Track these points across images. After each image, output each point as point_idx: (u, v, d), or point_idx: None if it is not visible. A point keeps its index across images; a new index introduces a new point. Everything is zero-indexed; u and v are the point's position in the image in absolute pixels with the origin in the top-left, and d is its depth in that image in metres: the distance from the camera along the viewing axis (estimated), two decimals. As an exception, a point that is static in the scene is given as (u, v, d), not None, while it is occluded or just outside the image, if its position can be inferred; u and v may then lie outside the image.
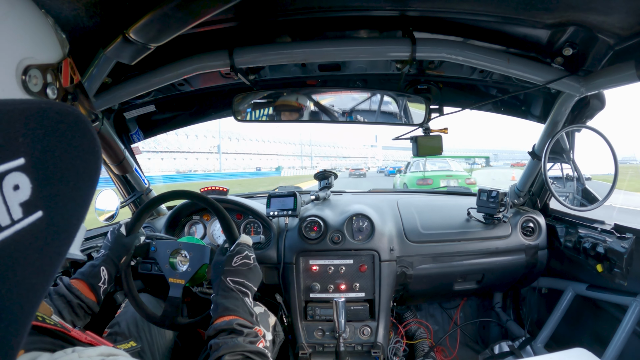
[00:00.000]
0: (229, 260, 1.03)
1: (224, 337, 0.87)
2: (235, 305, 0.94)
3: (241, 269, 1.02)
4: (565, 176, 1.54)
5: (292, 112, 1.64)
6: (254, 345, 0.86)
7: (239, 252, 1.05)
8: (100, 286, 1.05)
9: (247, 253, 1.06)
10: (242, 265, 1.02)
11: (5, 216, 0.28)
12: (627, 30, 1.02)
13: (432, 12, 1.13)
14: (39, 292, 0.31)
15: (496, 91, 1.70)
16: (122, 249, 1.13)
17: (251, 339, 0.88)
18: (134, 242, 1.15)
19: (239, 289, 0.98)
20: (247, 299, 0.99)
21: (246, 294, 0.99)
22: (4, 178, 0.28)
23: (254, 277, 1.04)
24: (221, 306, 0.95)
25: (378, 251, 1.73)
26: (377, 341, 1.69)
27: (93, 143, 0.36)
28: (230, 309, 0.93)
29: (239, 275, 1.00)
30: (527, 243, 1.80)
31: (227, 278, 0.99)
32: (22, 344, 0.30)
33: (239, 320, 0.91)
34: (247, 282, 1.01)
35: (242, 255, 1.04)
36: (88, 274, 1.06)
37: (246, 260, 1.04)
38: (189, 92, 1.66)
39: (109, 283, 1.08)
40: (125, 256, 1.12)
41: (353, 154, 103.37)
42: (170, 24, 0.89)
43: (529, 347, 1.83)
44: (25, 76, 0.40)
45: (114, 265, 1.10)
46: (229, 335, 0.88)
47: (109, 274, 1.08)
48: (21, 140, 0.29)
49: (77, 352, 0.45)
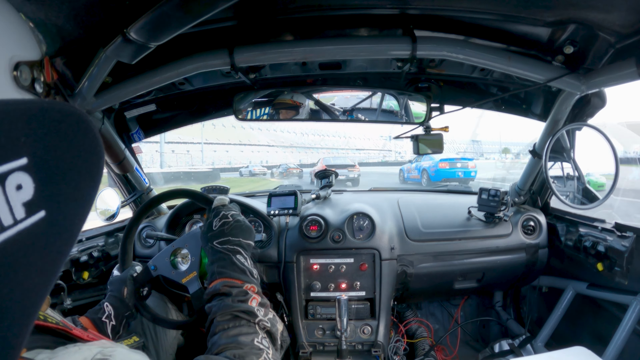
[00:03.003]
0: (209, 227, 1.03)
1: (216, 301, 0.88)
2: (223, 266, 0.94)
3: (222, 229, 1.01)
4: (566, 175, 1.53)
5: (293, 111, 1.64)
6: (244, 303, 0.86)
7: (215, 214, 1.05)
8: (104, 321, 1.05)
9: (223, 213, 1.05)
10: (222, 225, 1.02)
11: (8, 216, 0.28)
12: (628, 28, 1.02)
13: (432, 10, 1.13)
14: (41, 292, 0.31)
15: (497, 89, 1.70)
16: (119, 284, 1.13)
17: (240, 297, 0.87)
18: (128, 273, 1.15)
19: (226, 249, 0.98)
20: (239, 256, 0.97)
21: (235, 251, 0.98)
22: (7, 178, 0.28)
23: (239, 232, 1.02)
24: (211, 271, 0.95)
25: (379, 250, 1.73)
26: (377, 340, 1.70)
27: (95, 142, 0.36)
28: (218, 272, 0.94)
29: (222, 236, 1.00)
30: (527, 242, 1.80)
31: (213, 242, 0.99)
32: (25, 344, 0.30)
33: (225, 281, 0.91)
34: (233, 238, 1.00)
35: (219, 216, 1.04)
36: (92, 311, 1.07)
37: (224, 219, 1.03)
38: (189, 91, 1.66)
39: (117, 319, 1.07)
40: (125, 288, 1.12)
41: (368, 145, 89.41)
42: (170, 23, 0.89)
43: (529, 345, 1.83)
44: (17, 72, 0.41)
45: (117, 300, 1.10)
46: (219, 297, 0.89)
47: (114, 309, 1.07)
48: (23, 140, 0.29)
49: (78, 346, 0.45)
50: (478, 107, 1.76)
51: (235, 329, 0.81)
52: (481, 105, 1.75)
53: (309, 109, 1.64)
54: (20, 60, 0.42)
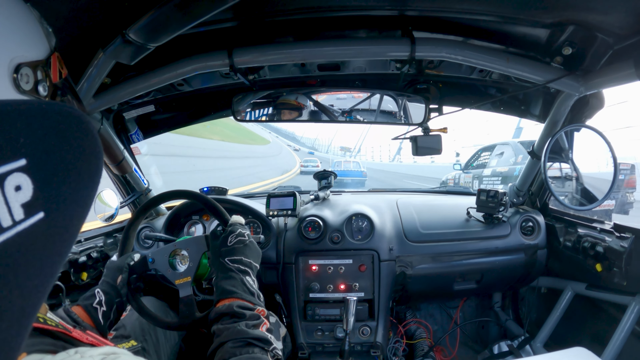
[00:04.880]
0: (224, 241, 1.02)
1: (226, 322, 0.86)
2: (234, 285, 0.93)
3: (237, 246, 1.01)
4: (565, 175, 1.54)
5: (292, 112, 1.64)
6: (257, 329, 0.84)
7: (232, 231, 1.04)
8: (95, 307, 1.03)
9: (240, 231, 1.05)
10: (238, 243, 1.01)
11: (7, 217, 0.28)
12: (626, 29, 1.03)
13: (431, 12, 1.13)
14: (40, 293, 0.31)
15: (495, 90, 1.70)
16: (115, 271, 1.12)
17: (254, 322, 0.86)
18: (125, 261, 1.14)
19: (237, 268, 0.97)
20: (248, 277, 0.97)
21: (246, 272, 0.98)
22: (6, 179, 0.28)
23: (252, 253, 1.02)
24: (221, 288, 0.93)
25: (377, 251, 1.73)
26: (376, 341, 1.69)
27: (94, 144, 0.36)
28: (229, 290, 0.92)
29: (235, 254, 0.99)
30: (526, 242, 1.81)
31: (225, 258, 0.98)
32: (23, 346, 0.30)
33: (239, 302, 0.89)
34: (245, 259, 0.99)
35: (236, 233, 1.03)
36: (83, 298, 1.06)
37: (240, 237, 1.03)
38: (188, 92, 1.66)
39: (107, 304, 1.05)
40: (120, 275, 1.11)
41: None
42: (170, 24, 0.89)
43: (528, 346, 1.83)
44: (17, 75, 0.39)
45: (110, 287, 1.08)
46: (231, 319, 0.86)
47: (106, 296, 1.06)
48: (22, 141, 0.29)
49: (80, 353, 0.45)
50: (477, 109, 1.76)
51: (247, 356, 0.79)
52: (480, 107, 1.75)
53: (308, 110, 1.64)
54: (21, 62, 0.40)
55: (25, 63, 0.41)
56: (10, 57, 0.39)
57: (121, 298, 1.10)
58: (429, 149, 1.65)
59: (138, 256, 1.18)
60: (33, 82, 0.42)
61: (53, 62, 0.48)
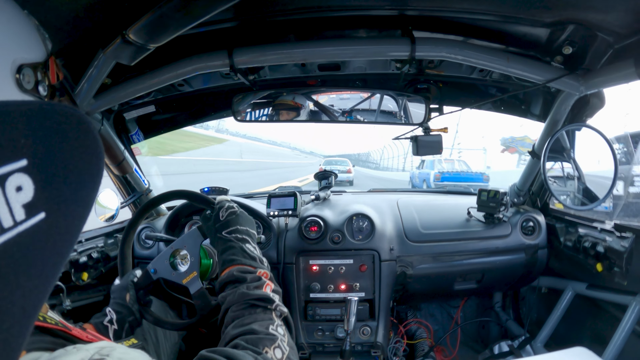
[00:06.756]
0: (217, 218, 1.04)
1: (229, 289, 0.87)
2: (234, 254, 0.94)
3: (230, 218, 1.03)
4: (566, 175, 1.53)
5: (292, 112, 1.64)
6: (259, 290, 0.84)
7: (221, 206, 1.06)
8: (106, 325, 1.04)
9: (228, 204, 1.07)
10: (229, 215, 1.03)
11: (8, 218, 0.28)
12: (627, 28, 1.02)
13: (431, 12, 1.13)
14: (42, 293, 0.31)
15: (496, 90, 1.70)
16: (121, 291, 1.13)
17: (255, 283, 0.86)
18: (128, 280, 1.15)
19: (235, 237, 0.98)
20: (247, 245, 0.98)
21: (244, 240, 0.99)
22: (7, 179, 0.28)
23: (245, 221, 1.04)
24: (222, 260, 0.95)
25: (378, 251, 1.73)
26: (376, 341, 1.69)
27: (95, 144, 0.36)
28: (229, 259, 0.93)
29: (230, 225, 1.01)
30: (527, 242, 1.80)
31: (222, 232, 1.00)
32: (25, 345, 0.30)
33: (238, 267, 0.90)
34: (241, 227, 1.01)
35: (225, 207, 1.06)
36: (95, 317, 1.07)
37: (231, 210, 1.05)
38: (188, 92, 1.66)
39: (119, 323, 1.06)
40: (127, 293, 1.12)
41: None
42: (170, 25, 0.89)
43: (528, 346, 1.83)
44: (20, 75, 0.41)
45: (121, 306, 1.09)
46: (233, 285, 0.87)
47: (118, 314, 1.07)
48: (23, 141, 0.30)
49: (76, 348, 0.45)
50: (477, 108, 1.76)
51: (250, 317, 0.79)
52: (480, 106, 1.76)
53: (308, 111, 1.64)
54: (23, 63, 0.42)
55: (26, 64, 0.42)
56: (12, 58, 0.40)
57: (134, 316, 1.10)
58: (429, 149, 1.65)
59: (140, 272, 1.18)
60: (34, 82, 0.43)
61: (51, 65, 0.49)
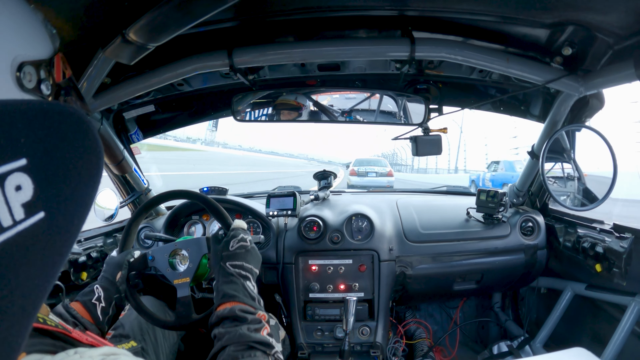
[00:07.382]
0: (226, 245, 1.02)
1: (228, 326, 0.86)
2: (235, 290, 0.93)
3: (239, 252, 1.01)
4: (566, 175, 1.54)
5: (291, 112, 1.64)
6: (258, 333, 0.85)
7: (234, 236, 1.05)
8: (94, 303, 1.04)
9: (242, 236, 1.05)
10: (240, 248, 1.02)
11: (7, 217, 0.28)
12: (626, 29, 1.03)
13: (431, 12, 1.13)
14: (41, 293, 0.31)
15: (495, 91, 1.70)
16: (114, 267, 1.12)
17: (255, 325, 0.86)
18: (125, 257, 1.14)
19: (239, 273, 0.97)
20: (249, 282, 0.97)
21: (247, 277, 0.98)
22: (6, 178, 0.28)
23: (253, 259, 1.03)
24: (222, 292, 0.94)
25: (377, 251, 1.73)
26: (376, 341, 1.69)
27: (94, 143, 0.36)
28: (231, 294, 0.92)
29: (237, 259, 0.99)
30: (526, 243, 1.81)
31: (227, 263, 0.98)
32: (24, 346, 0.30)
33: (240, 306, 0.89)
34: (247, 264, 1.00)
35: (238, 238, 1.04)
36: (82, 294, 1.06)
37: (242, 243, 1.03)
38: (188, 92, 1.66)
39: (106, 301, 1.06)
40: (119, 272, 1.11)
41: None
42: (169, 24, 0.89)
43: (527, 347, 1.83)
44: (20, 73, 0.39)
45: (109, 283, 1.09)
46: (233, 323, 0.86)
47: (105, 292, 1.07)
48: (23, 141, 0.30)
49: (79, 354, 0.45)
50: (477, 109, 1.77)
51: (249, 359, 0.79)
52: (480, 107, 1.76)
53: (308, 111, 1.64)
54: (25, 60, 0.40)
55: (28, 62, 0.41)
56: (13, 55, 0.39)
57: (120, 294, 1.10)
58: (429, 149, 1.65)
59: (138, 253, 1.18)
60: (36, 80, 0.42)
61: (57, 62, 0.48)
